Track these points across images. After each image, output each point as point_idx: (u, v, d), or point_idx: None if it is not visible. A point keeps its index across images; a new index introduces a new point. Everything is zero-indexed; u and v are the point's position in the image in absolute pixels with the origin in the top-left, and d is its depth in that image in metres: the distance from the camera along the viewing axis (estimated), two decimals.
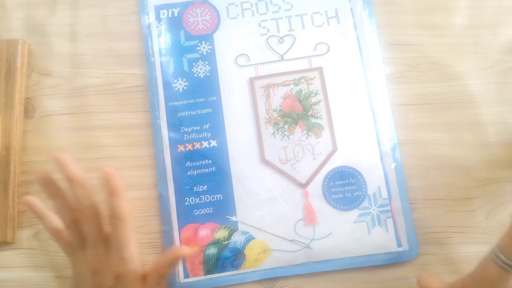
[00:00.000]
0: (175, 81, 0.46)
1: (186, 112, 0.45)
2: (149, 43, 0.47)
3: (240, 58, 0.47)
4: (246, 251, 0.43)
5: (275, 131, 0.45)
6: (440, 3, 0.49)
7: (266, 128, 0.45)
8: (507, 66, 0.47)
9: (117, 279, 0.35)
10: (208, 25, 0.47)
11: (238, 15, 0.48)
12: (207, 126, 0.45)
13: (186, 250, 0.38)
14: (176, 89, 0.46)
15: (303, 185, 0.44)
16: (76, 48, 0.48)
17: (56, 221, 0.38)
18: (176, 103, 0.46)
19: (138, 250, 0.37)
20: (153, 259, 0.42)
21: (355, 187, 0.44)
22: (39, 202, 0.39)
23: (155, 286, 0.37)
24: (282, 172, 0.44)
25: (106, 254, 0.36)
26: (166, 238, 0.43)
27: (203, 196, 0.44)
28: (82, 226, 0.36)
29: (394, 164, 0.44)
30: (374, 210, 0.43)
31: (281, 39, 0.47)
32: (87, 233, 0.36)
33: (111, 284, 0.35)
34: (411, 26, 0.48)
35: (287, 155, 0.44)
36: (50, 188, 0.36)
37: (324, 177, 0.44)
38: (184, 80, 0.46)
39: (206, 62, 0.47)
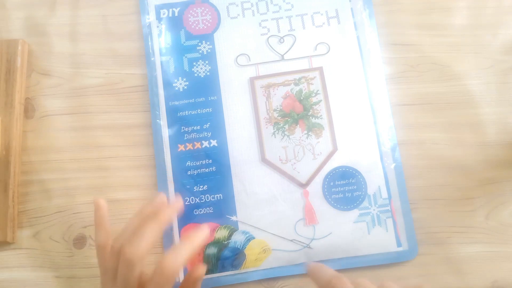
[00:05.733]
0: (175, 80, 0.46)
1: (187, 112, 0.45)
2: (149, 43, 0.47)
3: (241, 57, 0.47)
4: (246, 251, 0.43)
5: (275, 131, 0.45)
6: (440, 3, 0.49)
7: (267, 127, 0.45)
8: (507, 66, 0.47)
9: None
10: (209, 24, 0.47)
11: (238, 14, 0.48)
12: (208, 125, 0.45)
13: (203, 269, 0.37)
14: (177, 88, 0.46)
15: (303, 185, 0.44)
16: (76, 48, 0.48)
17: (108, 237, 0.36)
18: (176, 103, 0.46)
19: None
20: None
21: (355, 187, 0.44)
22: (106, 209, 0.36)
23: None
24: (282, 172, 0.44)
25: None
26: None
27: (203, 196, 0.44)
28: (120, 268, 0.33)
29: (394, 164, 0.44)
30: (374, 210, 0.43)
31: (282, 39, 0.47)
32: (122, 278, 0.33)
33: None
34: (411, 26, 0.48)
35: (287, 155, 0.44)
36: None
37: (324, 177, 0.44)
38: (185, 79, 0.46)
39: (207, 62, 0.46)
